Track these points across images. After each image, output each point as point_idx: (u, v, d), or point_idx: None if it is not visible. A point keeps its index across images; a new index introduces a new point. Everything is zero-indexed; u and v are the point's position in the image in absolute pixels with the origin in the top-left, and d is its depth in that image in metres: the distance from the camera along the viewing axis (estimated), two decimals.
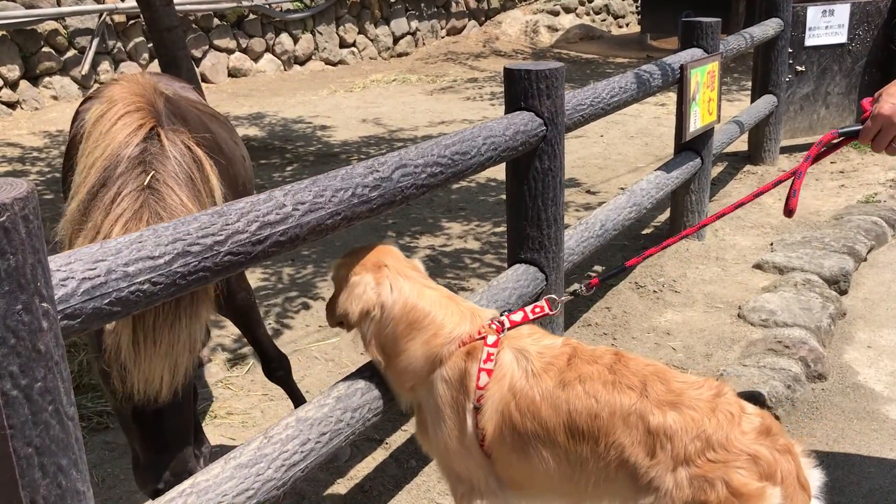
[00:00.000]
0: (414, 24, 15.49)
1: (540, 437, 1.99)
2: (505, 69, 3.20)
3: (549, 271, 3.34)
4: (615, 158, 7.82)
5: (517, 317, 2.20)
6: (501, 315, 2.20)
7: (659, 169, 4.83)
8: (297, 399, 3.21)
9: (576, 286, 2.51)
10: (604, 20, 18.56)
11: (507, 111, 3.19)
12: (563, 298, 2.45)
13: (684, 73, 4.64)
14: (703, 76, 4.90)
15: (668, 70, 4.55)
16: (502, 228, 5.82)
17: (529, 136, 3.06)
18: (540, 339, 2.13)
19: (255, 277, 5.02)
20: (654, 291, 4.63)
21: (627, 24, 19.17)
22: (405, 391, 2.21)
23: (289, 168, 7.76)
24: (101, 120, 2.28)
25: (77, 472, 1.50)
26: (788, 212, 2.40)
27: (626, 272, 2.52)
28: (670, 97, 9.94)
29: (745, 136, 7.18)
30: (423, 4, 15.61)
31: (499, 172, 7.26)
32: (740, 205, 2.62)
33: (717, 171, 7.04)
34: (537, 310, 2.25)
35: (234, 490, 1.92)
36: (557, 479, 2.02)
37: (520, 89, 3.14)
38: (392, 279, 2.13)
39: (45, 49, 10.46)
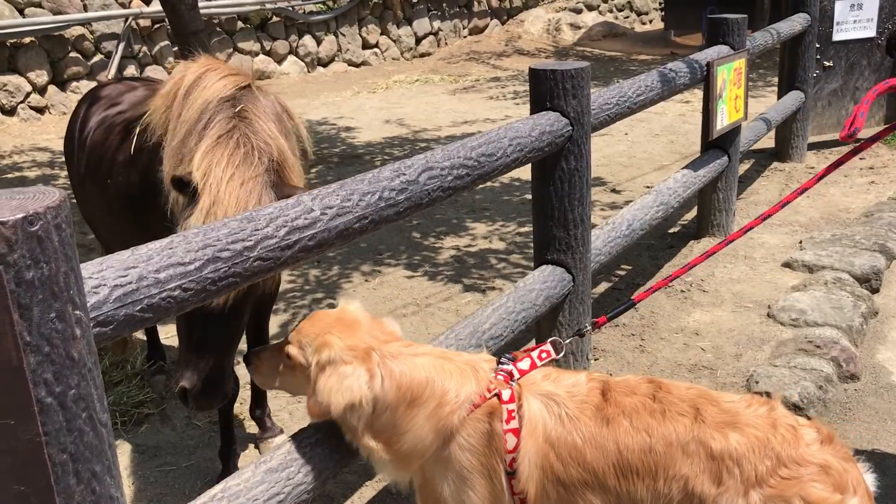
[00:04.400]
0: (436, 23, 15.48)
1: (588, 483, 1.84)
2: (530, 69, 3.18)
3: (576, 272, 3.32)
4: (640, 157, 7.77)
5: (524, 364, 2.00)
6: (501, 360, 2.02)
7: (686, 167, 4.79)
8: (257, 396, 3.34)
9: (584, 326, 2.39)
10: (627, 17, 18.45)
11: (533, 111, 3.18)
12: (567, 341, 2.27)
13: (711, 71, 4.60)
14: (730, 73, 4.85)
15: (695, 68, 4.50)
16: (527, 228, 5.80)
17: (555, 137, 3.04)
18: (560, 379, 1.96)
19: (282, 279, 5.04)
20: (682, 291, 4.59)
21: (651, 21, 19.04)
22: (411, 471, 1.97)
23: (313, 170, 7.78)
24: (199, 80, 2.52)
25: (110, 478, 1.51)
26: (850, 134, 2.35)
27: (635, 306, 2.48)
28: (695, 94, 9.87)
29: (773, 133, 7.10)
30: (445, 4, 15.60)
31: (523, 172, 7.24)
32: (822, 175, 2.57)
33: (744, 168, 6.97)
34: (543, 355, 2.05)
35: (264, 494, 1.92)
36: None
37: (545, 89, 3.12)
38: (383, 366, 1.91)
39: (73, 54, 10.58)
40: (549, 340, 2.14)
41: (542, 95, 3.14)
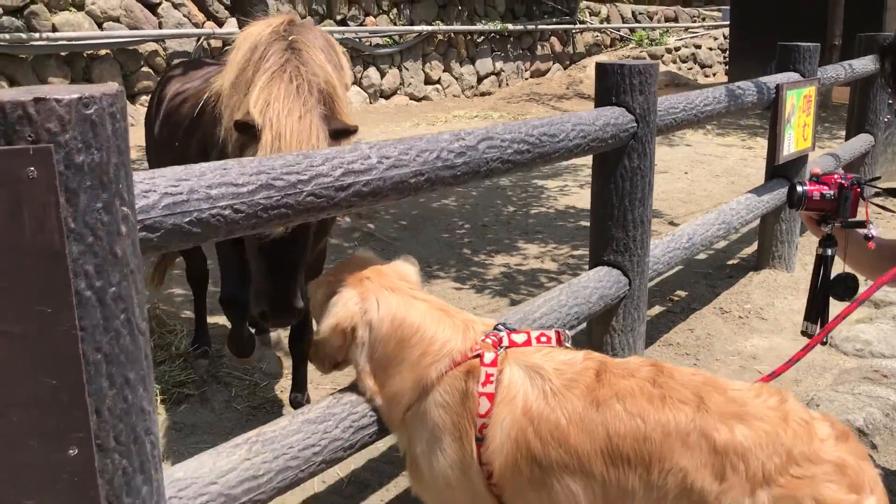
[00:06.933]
0: (499, 64, 15.60)
1: (569, 467, 1.70)
2: (597, 64, 3.14)
3: (633, 276, 3.21)
4: (699, 194, 7.62)
5: (519, 338, 1.90)
6: (497, 327, 1.93)
7: (750, 192, 4.66)
8: (296, 380, 3.34)
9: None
10: (690, 69, 18.38)
11: (597, 106, 3.11)
12: (571, 332, 2.10)
13: (780, 94, 4.49)
14: (800, 100, 4.73)
15: (764, 88, 4.40)
16: (581, 252, 5.69)
17: (619, 131, 2.97)
18: (553, 355, 1.85)
19: None
20: (740, 317, 4.42)
21: (714, 74, 18.94)
22: (397, 423, 1.94)
23: None
24: (246, 33, 2.66)
25: (144, 390, 1.46)
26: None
27: None
28: (758, 142, 9.72)
29: None
30: (509, 46, 15.74)
31: (579, 201, 7.16)
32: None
33: None
34: (543, 338, 1.93)
35: (300, 443, 1.85)
36: None
37: (611, 84, 3.06)
38: (377, 292, 1.90)
39: (145, 69, 10.87)
40: (554, 329, 1.99)
41: (607, 90, 3.08)
